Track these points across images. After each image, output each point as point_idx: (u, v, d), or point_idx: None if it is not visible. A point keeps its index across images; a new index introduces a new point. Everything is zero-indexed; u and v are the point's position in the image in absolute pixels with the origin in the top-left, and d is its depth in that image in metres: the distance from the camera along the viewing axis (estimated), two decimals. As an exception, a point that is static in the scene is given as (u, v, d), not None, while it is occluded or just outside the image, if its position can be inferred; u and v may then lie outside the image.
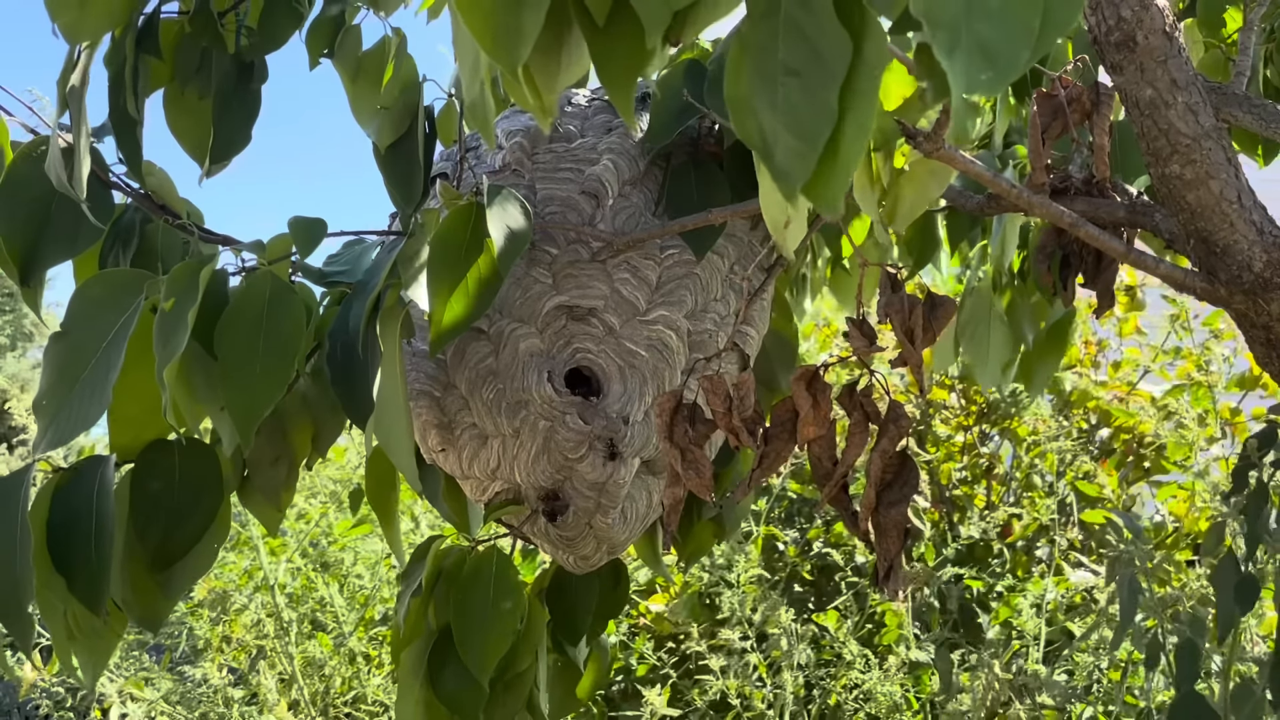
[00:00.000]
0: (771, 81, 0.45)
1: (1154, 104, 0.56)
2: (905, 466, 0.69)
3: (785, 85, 0.45)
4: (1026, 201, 0.63)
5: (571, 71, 0.51)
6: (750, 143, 0.46)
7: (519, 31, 0.43)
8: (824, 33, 0.44)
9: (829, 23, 0.43)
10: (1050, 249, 0.83)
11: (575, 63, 0.51)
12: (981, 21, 0.40)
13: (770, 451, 0.70)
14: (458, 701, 0.84)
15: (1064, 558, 2.16)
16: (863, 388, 0.70)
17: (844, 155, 0.44)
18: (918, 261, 1.23)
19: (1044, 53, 0.40)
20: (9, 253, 0.86)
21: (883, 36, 0.42)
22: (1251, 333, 0.64)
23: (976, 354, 1.27)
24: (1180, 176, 0.58)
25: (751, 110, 0.46)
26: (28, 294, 0.89)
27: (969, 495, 2.40)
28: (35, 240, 0.86)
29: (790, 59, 0.45)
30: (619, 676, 2.11)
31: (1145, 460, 2.40)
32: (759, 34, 0.46)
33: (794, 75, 0.45)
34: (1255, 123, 0.74)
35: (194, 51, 0.86)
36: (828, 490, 0.70)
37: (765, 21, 0.46)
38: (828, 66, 0.43)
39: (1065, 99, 0.72)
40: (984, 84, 0.39)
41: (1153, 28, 0.54)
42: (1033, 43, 0.40)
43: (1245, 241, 0.59)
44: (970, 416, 2.48)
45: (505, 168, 0.91)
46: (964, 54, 0.39)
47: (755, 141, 0.46)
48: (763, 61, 0.46)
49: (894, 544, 0.68)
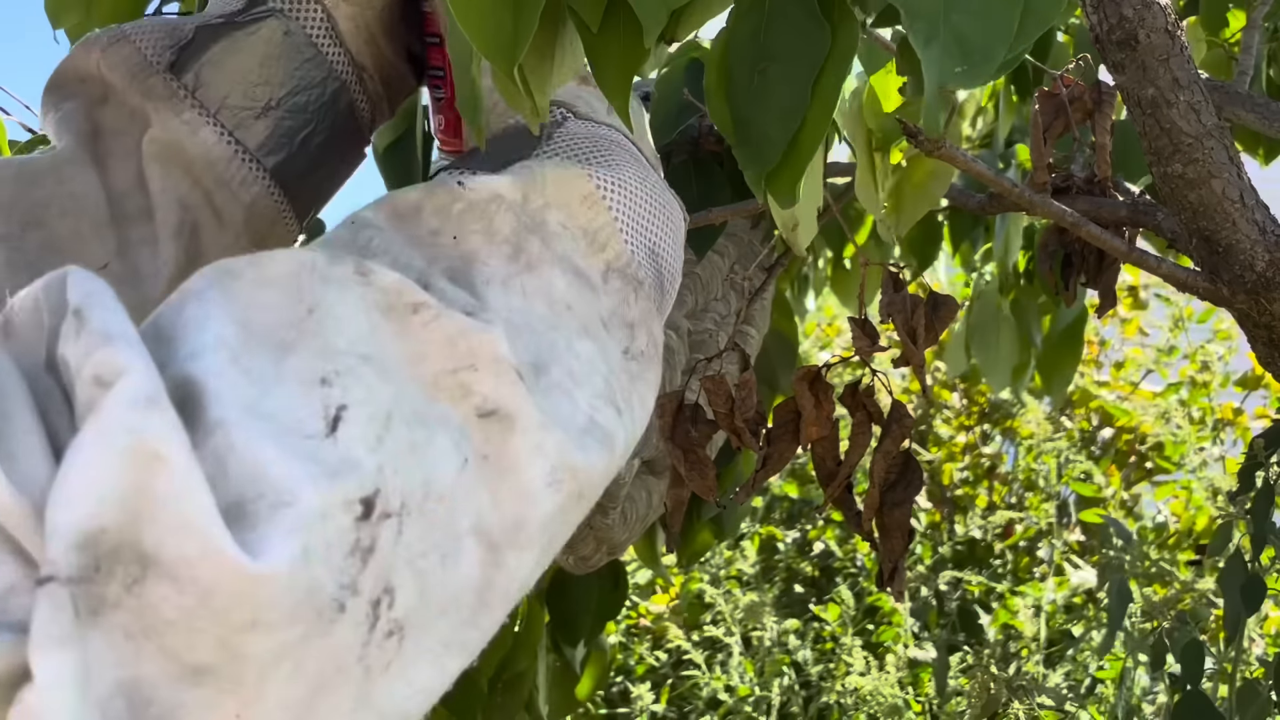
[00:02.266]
0: (749, 70, 0.46)
1: (1156, 103, 0.56)
2: (908, 467, 0.69)
3: (762, 73, 0.45)
4: (1028, 201, 0.63)
5: (564, 71, 0.51)
6: (722, 129, 0.46)
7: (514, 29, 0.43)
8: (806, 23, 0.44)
9: (811, 13, 0.44)
10: (1053, 248, 0.83)
11: (568, 62, 0.50)
12: (960, 14, 0.40)
13: (773, 452, 0.69)
14: (456, 701, 0.84)
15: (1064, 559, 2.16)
16: (865, 388, 0.70)
17: (803, 146, 0.44)
18: (920, 261, 1.23)
19: (1023, 49, 0.40)
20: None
21: (856, 29, 0.43)
22: (1254, 332, 0.64)
23: (986, 358, 1.26)
24: (1182, 175, 0.57)
25: (725, 97, 0.46)
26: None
27: (970, 496, 2.39)
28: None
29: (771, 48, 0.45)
30: (618, 677, 2.11)
31: (1147, 460, 2.40)
32: (744, 26, 0.46)
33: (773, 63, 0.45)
34: (1258, 122, 0.73)
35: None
36: (831, 490, 0.69)
37: (751, 14, 0.46)
38: (806, 56, 0.44)
39: (1067, 98, 0.72)
40: (958, 77, 0.39)
41: (1155, 26, 0.54)
42: (1010, 39, 0.39)
43: (1248, 241, 0.58)
44: (972, 417, 2.48)
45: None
46: (940, 46, 0.39)
47: (727, 128, 0.46)
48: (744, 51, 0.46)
49: (898, 544, 0.68)
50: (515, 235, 0.41)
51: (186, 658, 0.26)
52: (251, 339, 0.31)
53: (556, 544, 0.39)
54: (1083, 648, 1.90)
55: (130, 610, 0.25)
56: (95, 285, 0.28)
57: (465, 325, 0.35)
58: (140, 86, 0.52)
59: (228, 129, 0.53)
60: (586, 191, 0.45)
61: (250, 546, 0.26)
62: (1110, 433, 2.45)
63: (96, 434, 0.25)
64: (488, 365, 0.35)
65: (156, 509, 0.25)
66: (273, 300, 0.32)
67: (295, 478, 0.28)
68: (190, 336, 0.30)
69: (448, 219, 0.41)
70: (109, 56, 0.52)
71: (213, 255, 0.52)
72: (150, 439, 0.25)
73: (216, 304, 0.31)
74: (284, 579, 0.27)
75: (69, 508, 0.25)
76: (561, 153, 0.47)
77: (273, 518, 0.27)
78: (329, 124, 0.56)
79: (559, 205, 0.44)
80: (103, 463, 0.25)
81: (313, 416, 0.30)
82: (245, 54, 0.54)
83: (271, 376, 0.30)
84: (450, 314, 0.35)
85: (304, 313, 0.32)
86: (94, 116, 0.53)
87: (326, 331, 0.32)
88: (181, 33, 0.53)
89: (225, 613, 0.26)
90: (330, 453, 0.30)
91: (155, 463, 0.25)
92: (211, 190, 0.53)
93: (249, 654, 0.27)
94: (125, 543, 0.25)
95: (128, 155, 0.52)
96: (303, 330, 0.32)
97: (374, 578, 0.30)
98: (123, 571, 0.25)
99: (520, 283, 0.40)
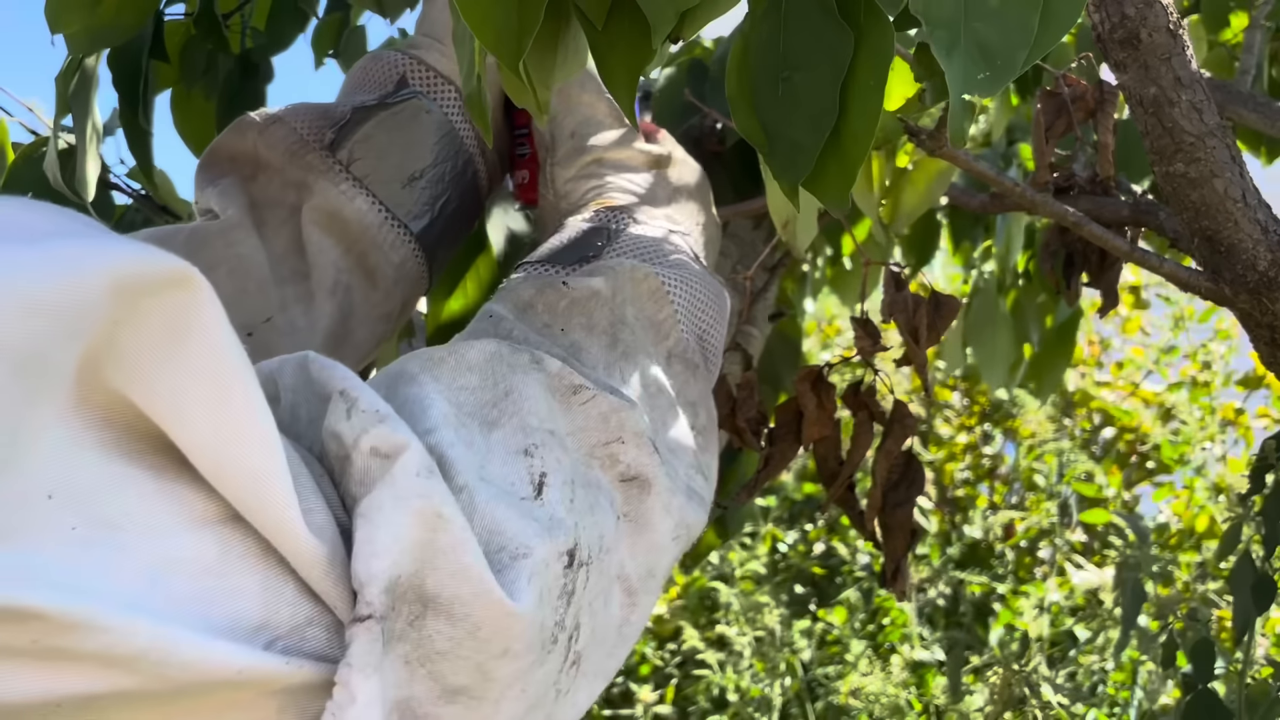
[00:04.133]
0: (773, 77, 0.45)
1: (1158, 102, 0.56)
2: (910, 467, 0.69)
3: (786, 81, 0.45)
4: (1029, 200, 0.63)
5: (568, 67, 0.51)
6: (752, 140, 0.46)
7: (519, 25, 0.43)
8: (826, 26, 0.43)
9: (830, 16, 0.43)
10: (1055, 248, 0.83)
11: (572, 59, 0.50)
12: (980, 20, 0.39)
13: (776, 453, 0.69)
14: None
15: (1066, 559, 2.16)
16: (867, 387, 0.70)
17: (850, 150, 0.44)
18: (918, 260, 1.23)
19: (1043, 53, 0.39)
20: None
21: (889, 29, 0.42)
22: (1256, 332, 0.64)
23: (983, 355, 1.26)
24: (1184, 175, 0.57)
25: (752, 107, 0.46)
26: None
27: (971, 496, 2.39)
28: (36, 241, 0.86)
29: (792, 54, 0.45)
30: (619, 677, 2.11)
31: (1148, 460, 2.40)
32: (761, 30, 0.46)
33: (795, 70, 0.44)
34: (1260, 121, 0.73)
35: (200, 53, 0.86)
36: (834, 490, 0.69)
37: (767, 18, 0.45)
38: (829, 60, 0.43)
39: (1069, 97, 0.72)
40: (981, 84, 0.39)
41: (1156, 25, 0.54)
42: (1030, 42, 0.39)
43: (1250, 240, 0.58)
44: (973, 417, 2.48)
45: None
46: (962, 53, 0.39)
47: (756, 138, 0.46)
48: (764, 58, 0.46)
49: (901, 543, 0.68)
50: (611, 327, 0.49)
51: (449, 680, 0.32)
52: (464, 416, 0.38)
53: (665, 586, 0.45)
54: (1087, 649, 1.90)
55: (411, 641, 0.31)
56: (344, 368, 0.34)
57: (615, 404, 0.43)
58: (299, 162, 0.58)
59: (379, 198, 0.59)
60: (654, 287, 0.52)
61: (504, 589, 0.33)
62: (1111, 433, 2.45)
63: (394, 498, 0.30)
64: (632, 439, 0.43)
65: (439, 558, 0.31)
66: (474, 383, 0.40)
67: (526, 534, 0.34)
68: (421, 415, 0.36)
69: (556, 314, 0.48)
70: (266, 137, 0.58)
71: (362, 311, 0.59)
72: (434, 502, 0.31)
73: (430, 387, 0.38)
74: (530, 616, 0.33)
75: (379, 557, 0.30)
76: (629, 253, 0.54)
77: (514, 566, 0.34)
78: (460, 192, 0.62)
79: (633, 300, 0.51)
80: (401, 521, 0.30)
81: (522, 482, 0.37)
82: (393, 132, 0.60)
83: (484, 447, 0.37)
84: (604, 395, 0.43)
85: (501, 394, 0.40)
86: (248, 190, 0.58)
87: (522, 411, 0.39)
88: (337, 114, 0.60)
89: (487, 643, 0.32)
90: (541, 512, 0.36)
91: (439, 521, 0.31)
92: (365, 252, 0.59)
93: (497, 677, 0.33)
94: (411, 586, 0.31)
95: (283, 223, 0.58)
96: (503, 409, 0.39)
97: (572, 616, 0.36)
98: (407, 610, 0.31)
99: (620, 368, 0.48)
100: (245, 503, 0.27)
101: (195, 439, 0.26)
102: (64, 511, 0.24)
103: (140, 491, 0.26)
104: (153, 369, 0.25)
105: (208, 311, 0.26)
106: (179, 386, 0.25)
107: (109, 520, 0.25)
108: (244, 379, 0.27)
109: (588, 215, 0.57)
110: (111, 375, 0.25)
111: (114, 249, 0.24)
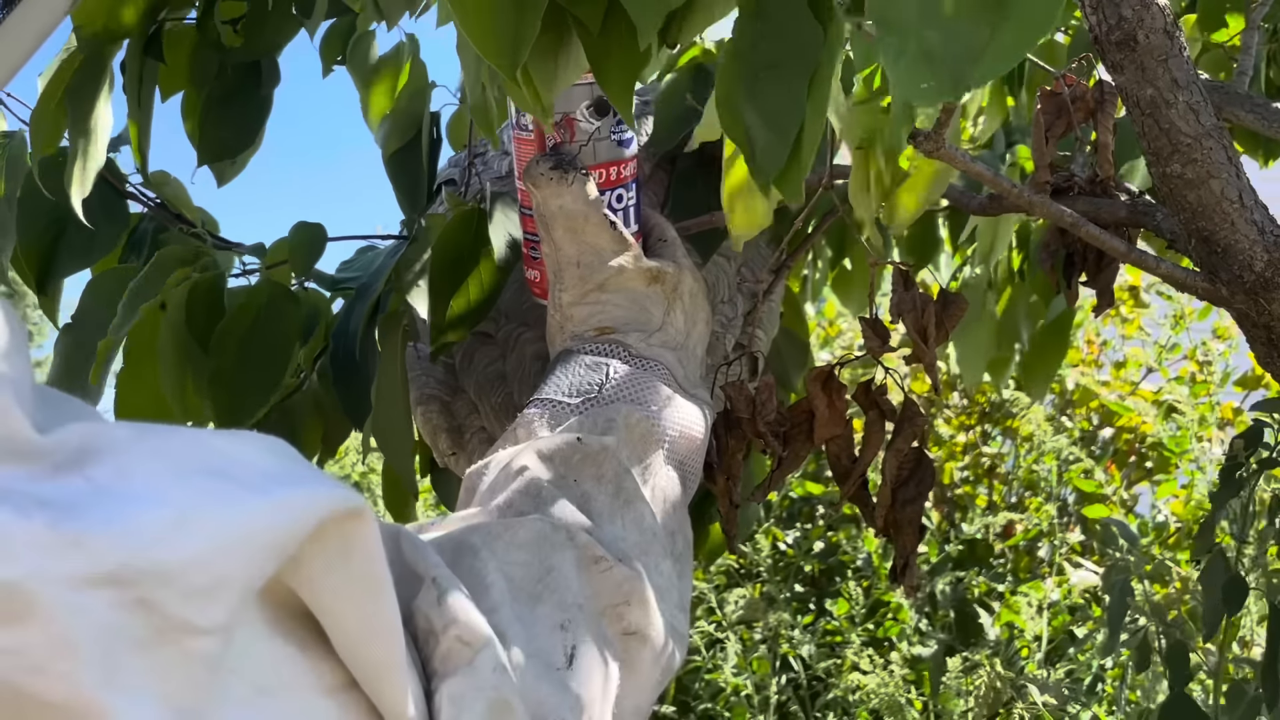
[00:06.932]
0: (752, 78, 0.46)
1: (1155, 103, 0.56)
2: (920, 464, 0.69)
3: (762, 79, 0.46)
4: (1028, 201, 0.64)
5: (570, 71, 0.51)
6: (736, 141, 0.47)
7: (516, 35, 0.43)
8: (799, 25, 0.44)
9: (803, 14, 0.44)
10: (1054, 248, 0.83)
11: (574, 62, 0.51)
12: (932, 29, 0.39)
13: (789, 452, 0.70)
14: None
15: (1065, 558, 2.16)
16: (877, 386, 0.71)
17: (805, 142, 0.44)
18: (919, 261, 1.24)
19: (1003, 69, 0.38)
20: (27, 262, 0.88)
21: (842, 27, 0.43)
22: (1253, 332, 0.64)
23: (962, 350, 1.26)
24: (1181, 176, 0.58)
25: (736, 109, 0.47)
26: (45, 302, 0.91)
27: (971, 495, 2.40)
28: (52, 250, 0.88)
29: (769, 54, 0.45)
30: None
31: (1148, 460, 2.40)
32: (745, 35, 0.46)
33: (771, 69, 0.45)
34: (1257, 122, 0.74)
35: (210, 58, 0.86)
36: (847, 488, 0.70)
37: (751, 22, 0.46)
38: (801, 58, 0.44)
39: (1069, 97, 0.72)
40: (923, 94, 0.39)
41: (1153, 27, 0.54)
42: (979, 56, 0.38)
43: (1246, 241, 0.59)
44: (973, 416, 2.49)
45: (511, 173, 0.92)
46: (909, 61, 0.39)
47: (740, 139, 0.46)
48: (746, 60, 0.46)
49: (910, 540, 0.68)
50: (616, 477, 0.56)
51: None
52: (515, 590, 0.46)
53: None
54: (1085, 647, 1.91)
55: None
56: (433, 554, 0.42)
57: (626, 574, 0.51)
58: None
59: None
60: (645, 431, 0.60)
61: None
62: (1110, 432, 2.45)
63: (475, 688, 0.38)
64: (637, 603, 0.51)
65: None
66: (523, 559, 0.48)
67: (561, 708, 0.43)
68: (484, 593, 0.45)
69: (570, 467, 0.56)
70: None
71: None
72: (504, 693, 0.38)
73: (490, 564, 0.46)
74: None
75: None
76: (623, 398, 0.62)
77: None
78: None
79: (628, 444, 0.58)
80: (479, 710, 0.37)
81: (558, 654, 0.45)
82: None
83: (530, 620, 0.46)
84: (619, 566, 0.51)
85: (545, 571, 0.48)
86: None
87: (560, 588, 0.48)
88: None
89: None
90: (572, 681, 0.45)
91: (506, 709, 0.38)
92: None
93: None
94: None
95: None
96: (546, 585, 0.48)
97: None
98: None
99: (621, 516, 0.55)
100: (369, 681, 0.34)
101: (343, 627, 0.33)
102: (239, 681, 0.30)
103: (292, 664, 0.32)
104: (322, 574, 0.31)
105: (371, 534, 0.32)
106: (337, 588, 0.32)
107: (265, 687, 0.31)
108: (388, 587, 0.33)
109: (589, 347, 0.65)
110: (285, 572, 0.31)
111: (323, 494, 0.31)
